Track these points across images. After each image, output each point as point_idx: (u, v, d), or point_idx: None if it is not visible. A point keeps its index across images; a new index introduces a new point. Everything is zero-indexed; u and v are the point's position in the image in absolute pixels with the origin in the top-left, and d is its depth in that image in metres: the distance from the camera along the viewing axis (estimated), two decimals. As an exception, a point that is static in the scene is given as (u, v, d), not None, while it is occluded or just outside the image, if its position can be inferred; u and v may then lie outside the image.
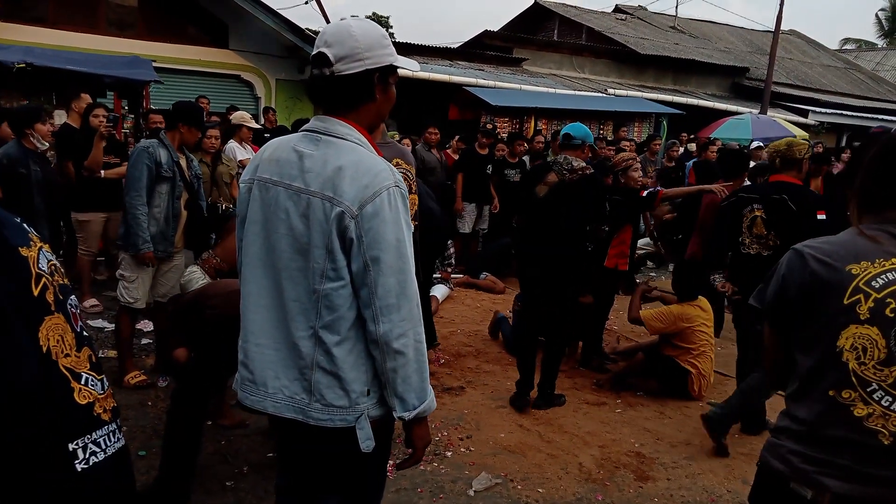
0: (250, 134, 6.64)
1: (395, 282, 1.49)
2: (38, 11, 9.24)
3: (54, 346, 1.18)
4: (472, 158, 7.44)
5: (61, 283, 1.27)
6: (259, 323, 1.60)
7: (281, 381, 1.58)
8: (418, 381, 1.54)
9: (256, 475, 3.03)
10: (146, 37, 9.90)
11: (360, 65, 1.53)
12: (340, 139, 1.56)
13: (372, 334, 1.51)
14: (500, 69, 13.80)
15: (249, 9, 9.92)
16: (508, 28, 18.45)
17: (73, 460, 1.18)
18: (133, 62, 7.82)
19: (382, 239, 1.48)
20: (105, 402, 1.29)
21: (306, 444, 1.62)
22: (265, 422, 3.47)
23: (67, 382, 1.20)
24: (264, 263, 1.59)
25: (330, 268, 1.50)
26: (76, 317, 1.28)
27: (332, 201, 1.48)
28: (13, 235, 1.18)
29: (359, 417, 1.55)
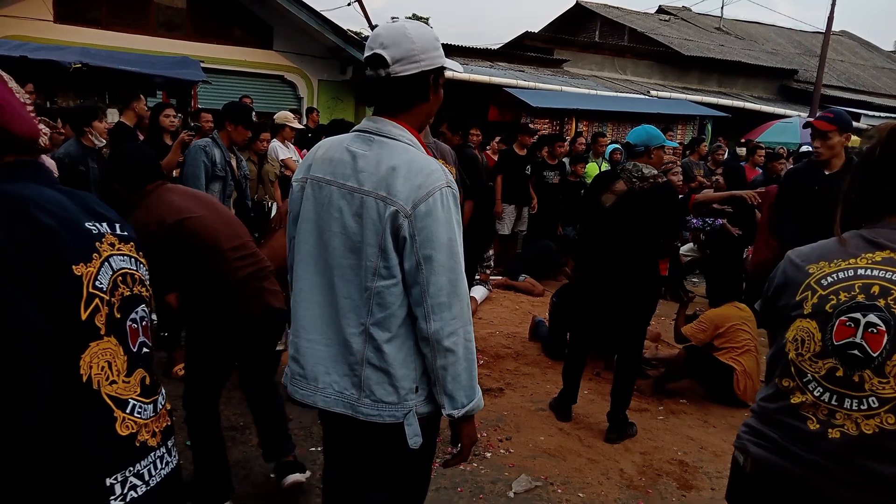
0: (293, 134, 6.75)
1: (446, 280, 1.51)
2: (94, 14, 9.57)
3: (97, 373, 1.14)
4: (511, 159, 7.42)
5: (127, 294, 1.22)
6: (310, 319, 1.63)
7: (331, 376, 1.60)
8: (467, 379, 1.56)
9: (299, 469, 3.07)
10: (194, 38, 10.16)
11: (416, 66, 1.55)
12: (393, 140, 1.58)
13: (423, 332, 1.53)
14: (540, 70, 13.73)
15: (294, 10, 10.10)
16: (549, 29, 18.36)
17: (109, 496, 1.14)
18: (182, 62, 8.03)
19: (435, 238, 1.50)
20: (155, 425, 1.26)
21: (355, 438, 1.64)
22: (309, 417, 3.53)
23: (110, 412, 1.16)
24: (316, 261, 1.62)
25: (382, 266, 1.52)
26: (137, 332, 1.24)
27: (386, 200, 1.51)
28: (71, 252, 1.13)
29: (407, 414, 1.57)
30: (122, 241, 1.27)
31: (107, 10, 9.68)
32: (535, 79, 12.34)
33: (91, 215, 1.22)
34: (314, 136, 7.75)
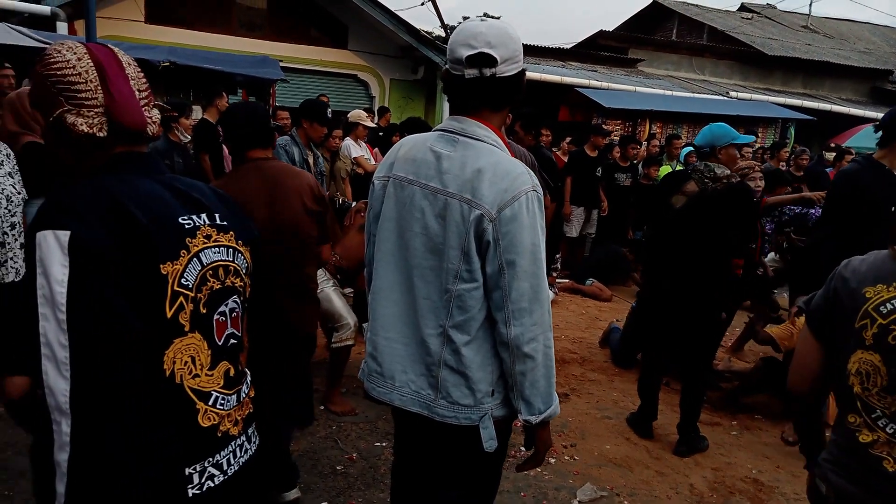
0: (365, 132, 6.86)
1: (528, 286, 1.49)
2: (181, 15, 10.01)
3: (180, 368, 1.17)
4: (582, 161, 7.29)
5: (217, 288, 1.24)
6: (389, 317, 1.64)
7: (408, 375, 1.61)
8: (545, 385, 1.55)
9: (365, 462, 3.12)
10: (273, 38, 10.48)
11: (517, 66, 1.55)
12: (478, 140, 1.56)
13: (502, 337, 1.52)
14: (613, 70, 13.45)
15: (369, 10, 10.26)
16: (624, 28, 17.95)
17: (187, 485, 1.17)
18: (262, 62, 8.29)
19: (519, 243, 1.48)
20: (238, 413, 1.29)
21: (429, 438, 1.64)
22: (374, 411, 3.58)
23: (192, 405, 1.19)
24: (396, 260, 1.62)
25: (464, 269, 1.51)
26: (224, 325, 1.26)
27: (471, 203, 1.49)
28: (161, 251, 1.15)
29: (483, 417, 1.56)
30: (221, 231, 1.27)
31: (193, 11, 10.11)
32: (607, 79, 12.09)
33: (189, 207, 1.24)
34: (386, 135, 7.86)
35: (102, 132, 1.17)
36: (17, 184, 3.29)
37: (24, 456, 2.90)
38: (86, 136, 1.16)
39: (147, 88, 1.26)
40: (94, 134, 1.16)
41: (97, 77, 1.17)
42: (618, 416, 3.90)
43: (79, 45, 1.20)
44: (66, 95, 1.16)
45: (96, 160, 1.21)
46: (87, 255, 1.07)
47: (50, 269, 1.05)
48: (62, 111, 1.16)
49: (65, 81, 1.16)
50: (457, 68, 1.55)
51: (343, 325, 3.59)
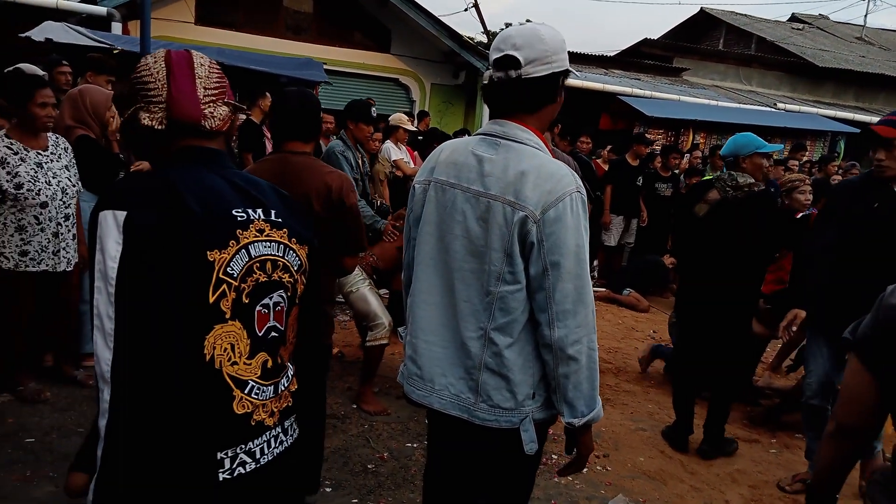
0: (406, 135, 6.91)
1: (572, 287, 1.49)
2: (230, 17, 10.25)
3: (219, 354, 1.20)
4: (623, 169, 7.22)
5: (263, 280, 1.27)
6: (428, 320, 1.64)
7: (447, 378, 1.61)
8: (589, 388, 1.54)
9: (395, 462, 3.13)
10: (319, 41, 10.64)
11: (548, 68, 1.54)
12: (520, 143, 1.57)
13: (546, 338, 1.51)
14: (657, 79, 13.27)
15: (413, 15, 10.34)
16: (670, 37, 17.70)
17: (218, 469, 1.20)
18: (307, 64, 8.43)
19: (563, 244, 1.48)
20: (275, 405, 1.31)
21: (468, 441, 1.63)
22: (406, 412, 3.59)
23: (229, 391, 1.22)
24: (436, 263, 1.63)
25: (507, 271, 1.52)
26: (266, 318, 1.28)
27: (514, 206, 1.50)
28: (209, 239, 1.19)
29: (524, 419, 1.56)
30: (274, 227, 1.31)
31: (242, 13, 10.34)
32: (651, 87, 11.94)
33: (246, 201, 1.28)
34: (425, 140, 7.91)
35: (161, 125, 1.25)
36: (73, 176, 3.41)
37: (68, 439, 3.00)
38: (147, 128, 1.24)
39: (217, 88, 1.31)
40: (153, 127, 1.24)
41: (165, 76, 1.26)
42: (652, 429, 3.84)
43: (161, 51, 1.30)
44: (141, 94, 1.27)
45: (164, 153, 1.29)
46: (139, 235, 1.13)
47: (106, 245, 1.13)
48: (136, 107, 1.26)
49: (141, 81, 1.27)
50: (493, 72, 1.59)
51: (378, 325, 3.62)
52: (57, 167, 3.32)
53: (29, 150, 3.23)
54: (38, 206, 3.22)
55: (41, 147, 3.29)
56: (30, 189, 3.18)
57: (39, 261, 3.25)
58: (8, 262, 3.19)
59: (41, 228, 3.25)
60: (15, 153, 3.18)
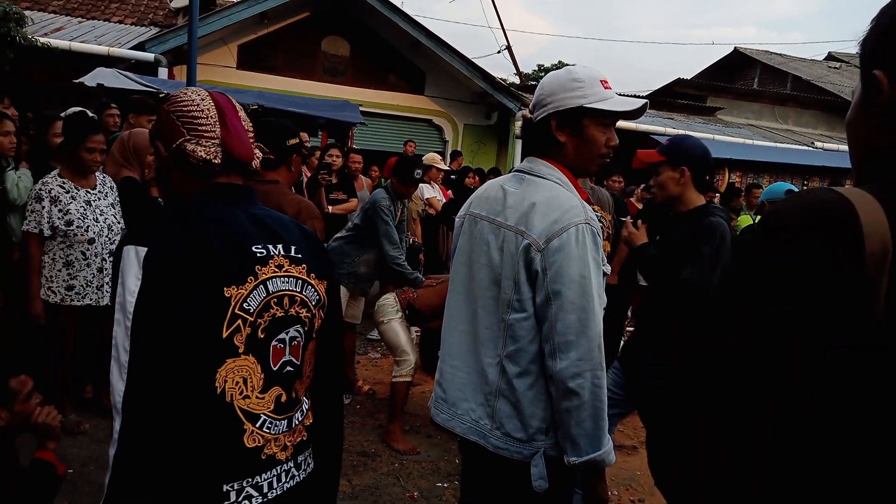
0: (440, 174, 7.02)
1: (575, 318, 1.47)
2: (269, 62, 10.64)
3: (231, 387, 1.21)
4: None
5: (279, 315, 1.28)
6: (455, 346, 1.71)
7: (469, 403, 1.64)
8: (592, 426, 1.48)
9: (425, 501, 3.10)
10: (354, 83, 10.94)
11: (543, 111, 1.62)
12: (541, 178, 1.64)
13: (549, 370, 1.51)
14: (691, 118, 13.26)
15: (446, 58, 10.58)
16: (703, 76, 17.73)
17: (223, 501, 1.19)
18: (343, 106, 8.66)
19: (565, 274, 1.48)
20: (288, 439, 1.31)
21: (485, 468, 1.65)
22: (436, 451, 3.56)
23: (240, 424, 1.22)
24: (466, 291, 1.70)
25: (515, 299, 1.55)
26: (282, 352, 1.29)
27: (522, 234, 1.56)
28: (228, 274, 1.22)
29: (534, 454, 1.54)
30: (293, 263, 1.33)
31: (281, 58, 10.72)
32: (684, 126, 11.91)
33: (266, 237, 1.31)
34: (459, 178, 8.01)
35: (217, 159, 1.30)
36: (118, 214, 3.55)
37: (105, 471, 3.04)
38: (203, 161, 1.28)
39: (252, 131, 1.39)
40: (211, 160, 1.29)
41: (216, 114, 1.32)
42: (689, 474, 3.72)
43: (202, 90, 1.36)
44: (187, 127, 1.30)
45: (193, 188, 1.32)
46: (159, 270, 1.16)
47: (126, 279, 1.16)
48: (183, 140, 1.29)
49: (188, 116, 1.31)
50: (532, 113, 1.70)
51: (404, 361, 3.63)
52: (104, 205, 3.46)
53: (79, 188, 3.37)
54: (86, 243, 3.35)
55: (90, 186, 3.44)
56: (79, 226, 3.31)
57: (84, 295, 3.37)
58: (55, 297, 3.31)
59: (87, 264, 3.37)
60: (66, 191, 3.33)
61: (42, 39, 7.75)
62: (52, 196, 3.29)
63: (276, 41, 10.56)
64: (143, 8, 11.13)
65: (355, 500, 3.05)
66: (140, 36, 9.25)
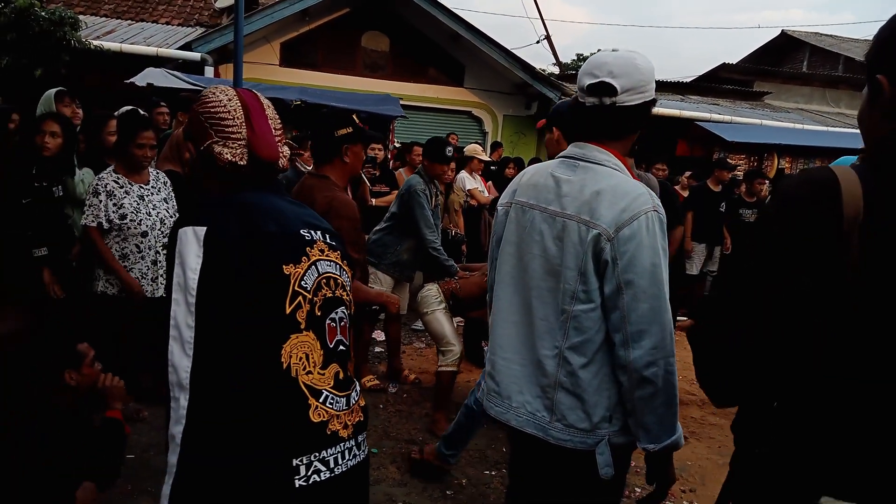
0: (481, 166, 7.00)
1: (647, 307, 1.45)
2: (311, 58, 10.78)
3: (295, 363, 1.23)
4: (704, 195, 7.00)
5: (329, 296, 1.32)
6: (507, 338, 1.66)
7: (524, 396, 1.61)
8: (666, 413, 1.48)
9: (474, 489, 3.11)
10: (394, 77, 11.01)
11: (641, 97, 1.55)
12: (598, 164, 1.58)
13: (620, 360, 1.49)
14: (737, 104, 12.90)
15: (486, 49, 10.54)
16: (750, 60, 17.21)
17: (294, 475, 1.20)
18: (384, 100, 8.72)
19: (638, 263, 1.46)
20: (348, 418, 1.32)
21: (543, 461, 1.62)
22: (484, 440, 3.57)
23: (305, 399, 1.24)
24: (515, 282, 1.66)
25: (581, 290, 1.51)
26: (335, 331, 1.32)
27: (589, 224, 1.50)
28: (284, 254, 1.25)
29: (599, 442, 1.53)
30: (331, 250, 1.38)
31: (322, 54, 10.86)
32: (730, 112, 11.61)
33: (307, 224, 1.36)
34: (499, 169, 7.98)
35: (243, 161, 1.32)
36: (171, 208, 3.65)
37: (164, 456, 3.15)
38: (229, 163, 1.31)
39: (281, 128, 1.41)
40: (237, 162, 1.31)
41: (243, 115, 1.34)
42: (742, 465, 3.64)
43: (230, 89, 1.38)
44: (216, 129, 1.32)
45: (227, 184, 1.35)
46: (219, 248, 1.20)
47: (186, 258, 1.19)
48: (211, 142, 1.32)
49: (216, 117, 1.33)
50: (581, 96, 1.60)
51: (449, 350, 3.64)
52: (157, 199, 3.56)
53: (133, 184, 3.48)
54: (139, 236, 3.46)
55: (143, 181, 3.54)
56: (132, 220, 3.42)
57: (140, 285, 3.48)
58: (112, 289, 3.43)
59: (141, 256, 3.48)
60: (121, 187, 3.44)
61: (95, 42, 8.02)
62: (108, 190, 3.40)
63: (317, 38, 10.69)
64: (189, 9, 11.40)
65: (404, 486, 3.08)
66: (187, 36, 9.49)
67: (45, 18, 7.48)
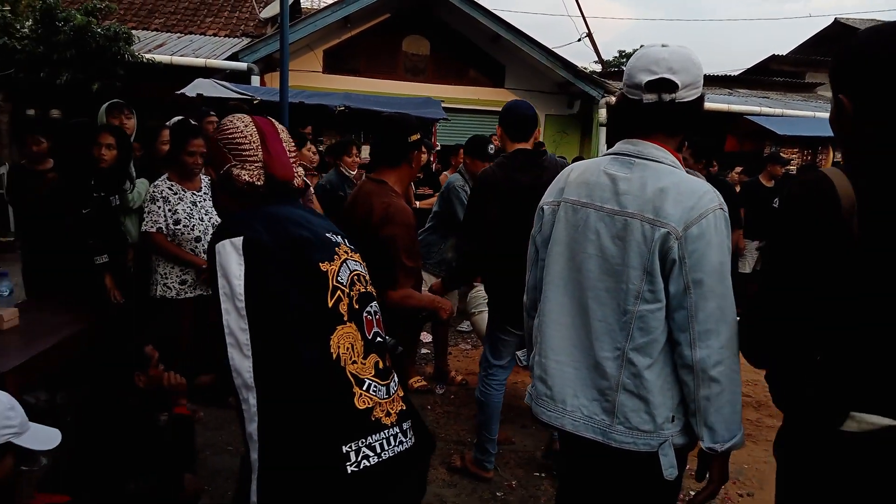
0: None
1: (715, 306, 1.43)
2: (353, 64, 10.93)
3: (344, 353, 1.30)
4: (757, 191, 6.80)
5: (363, 291, 1.39)
6: (558, 340, 1.62)
7: (580, 399, 1.58)
8: (731, 412, 1.47)
9: (524, 491, 3.09)
10: (435, 80, 11.06)
11: (697, 92, 1.53)
12: (655, 162, 1.54)
13: (686, 359, 1.46)
14: (788, 96, 12.50)
15: (526, 49, 10.48)
16: (801, 51, 16.65)
17: (345, 462, 1.25)
18: (426, 103, 8.76)
19: (706, 261, 1.43)
20: (390, 406, 1.37)
21: (601, 465, 1.59)
22: (531, 441, 3.54)
23: (350, 387, 1.30)
24: (567, 282, 1.61)
25: (647, 289, 1.48)
26: (372, 323, 1.39)
27: (654, 223, 1.47)
28: (318, 253, 1.33)
29: (662, 444, 1.50)
30: (353, 251, 1.47)
31: (364, 60, 10.99)
32: (781, 105, 11.25)
33: (329, 230, 1.46)
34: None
35: (260, 181, 1.41)
36: (222, 213, 3.75)
37: (220, 456, 3.23)
38: (247, 184, 1.41)
39: (295, 151, 1.52)
40: (254, 182, 1.41)
41: (259, 139, 1.43)
42: (803, 468, 3.52)
43: (246, 117, 1.48)
44: (234, 153, 1.42)
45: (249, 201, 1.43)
46: (258, 252, 1.27)
47: (228, 268, 1.25)
48: (230, 166, 1.41)
49: (234, 143, 1.43)
50: (634, 93, 1.55)
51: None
52: (209, 205, 3.66)
53: (186, 190, 3.59)
54: (193, 241, 3.56)
55: (196, 188, 3.65)
56: (185, 225, 3.53)
57: (195, 286, 3.58)
58: (171, 292, 3.55)
59: (197, 260, 3.59)
60: (175, 193, 3.55)
61: (147, 56, 8.31)
62: (164, 197, 3.52)
63: (359, 44, 10.83)
64: (235, 20, 11.70)
65: (454, 487, 3.08)
66: (233, 47, 9.73)
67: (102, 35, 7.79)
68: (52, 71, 7.67)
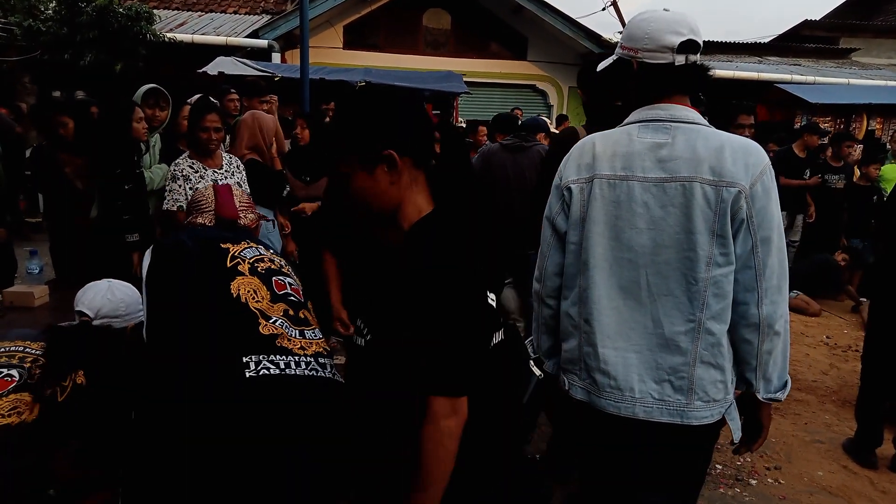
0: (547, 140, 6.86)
1: (777, 262, 1.44)
2: (373, 40, 10.85)
3: (245, 293, 1.54)
4: (788, 161, 6.62)
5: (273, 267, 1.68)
6: (615, 326, 1.52)
7: (647, 384, 1.49)
8: (783, 361, 1.51)
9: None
10: (456, 54, 10.94)
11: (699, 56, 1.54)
12: (692, 123, 1.49)
13: (752, 318, 1.45)
14: (820, 63, 12.11)
15: (549, 20, 10.30)
16: (834, 16, 16.05)
17: (244, 369, 1.42)
18: (447, 77, 8.68)
19: (772, 217, 1.44)
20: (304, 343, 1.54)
21: (674, 445, 1.52)
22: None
23: (255, 318, 1.51)
24: (612, 264, 1.52)
25: (719, 253, 1.43)
26: (283, 286, 1.64)
27: (717, 185, 1.42)
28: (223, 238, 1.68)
29: (729, 407, 1.52)
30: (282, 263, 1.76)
31: (384, 35, 10.90)
32: (813, 72, 10.91)
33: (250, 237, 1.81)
34: (565, 142, 7.81)
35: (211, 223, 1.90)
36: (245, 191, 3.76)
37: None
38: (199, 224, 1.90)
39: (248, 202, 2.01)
40: (205, 224, 1.89)
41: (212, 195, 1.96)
42: (831, 441, 3.46)
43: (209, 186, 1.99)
44: (196, 209, 1.95)
45: None
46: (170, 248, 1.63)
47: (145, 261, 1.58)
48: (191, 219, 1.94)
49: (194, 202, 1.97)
50: (660, 56, 1.49)
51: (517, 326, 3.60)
52: (231, 183, 3.67)
53: (206, 168, 3.60)
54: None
55: (216, 166, 3.65)
56: (209, 203, 3.55)
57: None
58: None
59: (219, 238, 3.63)
60: (195, 171, 3.57)
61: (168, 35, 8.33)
62: (184, 175, 3.53)
63: (379, 19, 10.73)
64: (255, -3, 11.65)
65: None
66: (253, 24, 9.71)
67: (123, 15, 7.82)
68: (76, 52, 7.74)
